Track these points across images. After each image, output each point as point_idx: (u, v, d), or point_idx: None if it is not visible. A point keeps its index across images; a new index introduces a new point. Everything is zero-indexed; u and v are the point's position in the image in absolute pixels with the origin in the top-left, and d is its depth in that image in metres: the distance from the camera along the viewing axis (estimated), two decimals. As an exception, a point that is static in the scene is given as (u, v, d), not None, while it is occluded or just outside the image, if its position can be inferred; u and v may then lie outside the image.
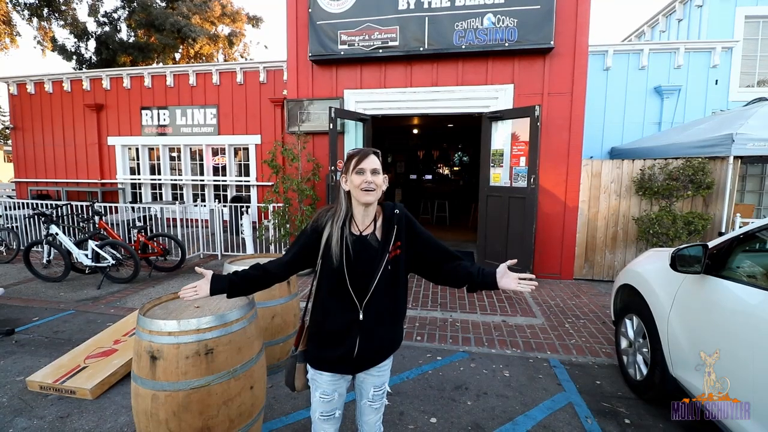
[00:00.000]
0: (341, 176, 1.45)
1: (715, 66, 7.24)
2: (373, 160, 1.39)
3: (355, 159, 1.38)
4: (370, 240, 1.44)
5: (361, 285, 1.42)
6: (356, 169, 1.37)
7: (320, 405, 1.53)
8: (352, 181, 1.39)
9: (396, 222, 1.45)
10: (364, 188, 1.36)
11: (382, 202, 1.50)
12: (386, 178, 1.46)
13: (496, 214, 5.65)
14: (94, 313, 4.20)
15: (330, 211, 1.47)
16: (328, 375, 1.50)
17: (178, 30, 16.07)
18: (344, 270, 1.40)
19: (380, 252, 1.42)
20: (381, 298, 1.44)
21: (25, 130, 9.96)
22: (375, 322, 1.45)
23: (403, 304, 1.56)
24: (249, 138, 8.66)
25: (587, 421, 2.44)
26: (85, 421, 2.41)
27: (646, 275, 2.78)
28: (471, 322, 4.02)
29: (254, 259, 3.18)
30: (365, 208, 1.43)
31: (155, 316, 1.86)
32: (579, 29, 5.27)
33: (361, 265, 1.41)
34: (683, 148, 5.24)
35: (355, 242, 1.42)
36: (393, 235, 1.44)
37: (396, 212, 1.47)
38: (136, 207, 6.91)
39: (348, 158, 1.42)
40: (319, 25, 5.77)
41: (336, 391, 1.52)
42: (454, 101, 5.80)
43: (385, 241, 1.43)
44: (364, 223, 1.45)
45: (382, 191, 1.43)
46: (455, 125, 10.42)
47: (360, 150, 1.42)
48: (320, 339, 1.50)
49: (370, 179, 1.36)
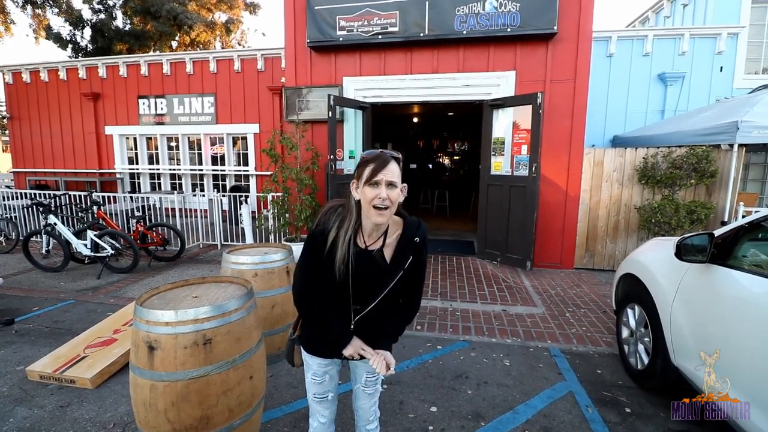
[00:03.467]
0: (352, 181, 1.26)
1: (720, 52, 7.12)
2: (392, 170, 1.18)
3: (371, 167, 1.18)
4: (375, 256, 1.30)
5: (360, 302, 1.36)
6: (370, 180, 1.17)
7: (312, 386, 1.55)
8: (363, 193, 1.20)
9: (413, 250, 1.31)
10: (377, 205, 1.18)
11: (404, 214, 1.35)
12: (404, 188, 1.27)
13: (497, 203, 5.61)
14: (94, 303, 4.19)
15: (337, 212, 1.31)
16: (319, 358, 1.51)
17: (175, 17, 15.81)
18: (349, 286, 1.31)
19: (389, 274, 1.30)
20: (377, 315, 1.37)
21: (21, 119, 9.86)
22: (366, 336, 1.40)
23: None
24: (247, 127, 8.58)
25: (588, 410, 2.44)
26: (85, 411, 2.41)
27: (649, 264, 2.76)
28: (471, 311, 4.02)
29: (253, 249, 3.15)
30: (374, 225, 1.27)
31: (153, 307, 1.83)
32: (583, 14, 5.16)
33: (361, 282, 1.31)
34: (687, 136, 5.17)
35: (358, 255, 1.28)
36: (407, 262, 1.30)
37: (416, 240, 1.30)
38: (134, 197, 6.87)
39: (362, 162, 1.22)
40: (318, 10, 5.65)
41: (327, 374, 1.53)
42: (455, 88, 5.71)
43: (395, 264, 1.30)
44: (371, 237, 1.30)
45: (398, 205, 1.27)
46: (456, 113, 10.30)
47: (378, 155, 1.20)
48: (311, 332, 1.50)
49: (385, 195, 1.16)
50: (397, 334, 1.44)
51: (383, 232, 1.31)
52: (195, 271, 5.37)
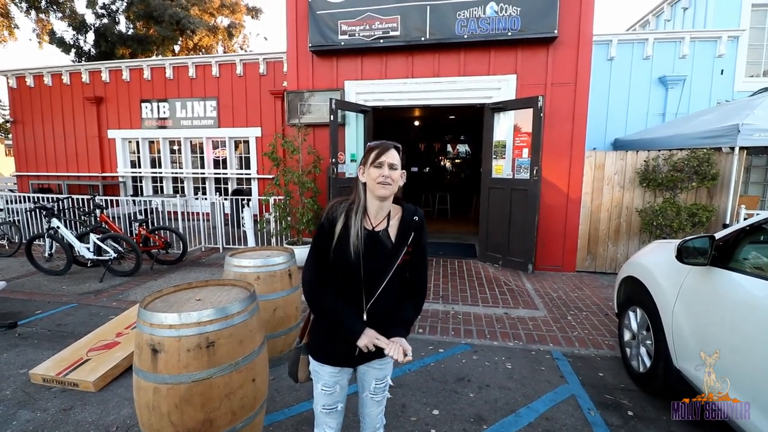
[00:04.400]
0: (359, 167, 1.43)
1: (720, 55, 7.13)
2: (393, 154, 1.37)
3: (375, 152, 1.37)
4: (381, 237, 1.41)
5: (369, 284, 1.40)
6: (375, 162, 1.36)
7: (322, 397, 1.52)
8: (369, 174, 1.37)
9: (413, 228, 1.43)
10: (381, 182, 1.34)
11: (402, 202, 1.49)
12: (404, 173, 1.43)
13: (498, 206, 5.61)
14: (97, 306, 4.21)
15: (343, 204, 1.43)
16: (329, 367, 1.49)
17: (177, 22, 15.92)
18: (360, 265, 1.37)
19: (393, 252, 1.40)
20: (386, 299, 1.43)
21: (25, 123, 9.92)
22: (379, 324, 1.41)
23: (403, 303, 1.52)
24: (249, 130, 8.61)
25: (590, 414, 2.44)
26: (88, 414, 2.42)
27: (651, 267, 2.76)
28: (473, 314, 4.02)
29: (256, 252, 3.16)
30: (380, 202, 1.40)
31: (156, 309, 1.84)
32: (583, 18, 5.18)
33: (372, 263, 1.38)
34: (688, 138, 5.17)
35: (367, 237, 1.38)
36: (408, 240, 1.42)
37: (416, 219, 1.45)
38: (137, 200, 6.90)
39: (368, 150, 1.40)
40: (319, 14, 5.69)
41: (337, 384, 1.51)
42: (456, 92, 5.73)
43: (399, 243, 1.41)
44: (377, 218, 1.42)
45: (398, 186, 1.41)
46: (457, 117, 10.33)
47: (381, 143, 1.39)
48: (323, 331, 1.49)
49: (387, 173, 1.34)
50: (409, 322, 1.49)
51: (386, 214, 1.44)
52: (197, 275, 5.39)
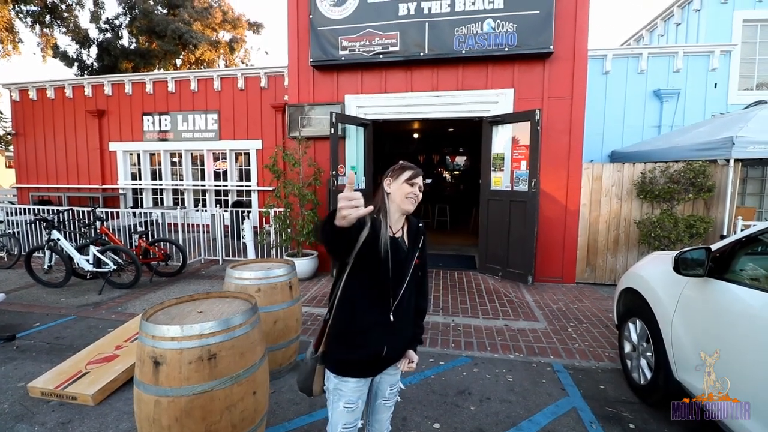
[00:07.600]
0: (387, 178, 1.55)
1: (713, 69, 7.27)
2: (421, 179, 1.57)
3: (410, 172, 1.53)
4: (400, 242, 1.55)
5: (395, 285, 1.50)
6: (409, 181, 1.52)
7: (344, 416, 1.48)
8: (401, 188, 1.51)
9: (421, 234, 1.62)
10: (411, 199, 1.51)
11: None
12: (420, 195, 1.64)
13: (497, 218, 5.65)
14: (96, 319, 4.19)
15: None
16: (354, 381, 1.47)
17: (180, 36, 16.18)
18: (389, 267, 1.46)
19: (410, 255, 1.55)
20: (407, 300, 1.54)
21: (26, 135, 10.00)
22: (402, 323, 1.53)
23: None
24: (250, 143, 8.69)
25: (592, 426, 2.43)
26: (87, 428, 2.40)
27: (649, 279, 2.77)
28: (473, 326, 4.01)
29: (257, 264, 3.17)
30: (401, 214, 1.55)
31: (158, 322, 1.85)
32: (578, 34, 5.30)
33: (396, 266, 1.49)
34: (684, 151, 5.24)
35: (391, 241, 1.51)
36: (419, 244, 1.59)
37: (420, 226, 1.64)
38: (137, 212, 6.91)
39: (402, 168, 1.55)
40: (320, 31, 5.81)
41: (360, 399, 1.50)
42: (455, 106, 5.81)
43: (413, 246, 1.57)
44: (396, 226, 1.56)
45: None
46: (456, 130, 10.44)
47: (415, 167, 1.57)
48: (347, 338, 1.47)
49: (418, 193, 1.53)
50: (420, 335, 1.70)
51: (402, 223, 1.59)
52: (197, 287, 5.38)
